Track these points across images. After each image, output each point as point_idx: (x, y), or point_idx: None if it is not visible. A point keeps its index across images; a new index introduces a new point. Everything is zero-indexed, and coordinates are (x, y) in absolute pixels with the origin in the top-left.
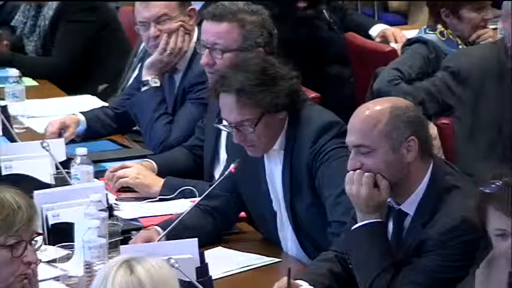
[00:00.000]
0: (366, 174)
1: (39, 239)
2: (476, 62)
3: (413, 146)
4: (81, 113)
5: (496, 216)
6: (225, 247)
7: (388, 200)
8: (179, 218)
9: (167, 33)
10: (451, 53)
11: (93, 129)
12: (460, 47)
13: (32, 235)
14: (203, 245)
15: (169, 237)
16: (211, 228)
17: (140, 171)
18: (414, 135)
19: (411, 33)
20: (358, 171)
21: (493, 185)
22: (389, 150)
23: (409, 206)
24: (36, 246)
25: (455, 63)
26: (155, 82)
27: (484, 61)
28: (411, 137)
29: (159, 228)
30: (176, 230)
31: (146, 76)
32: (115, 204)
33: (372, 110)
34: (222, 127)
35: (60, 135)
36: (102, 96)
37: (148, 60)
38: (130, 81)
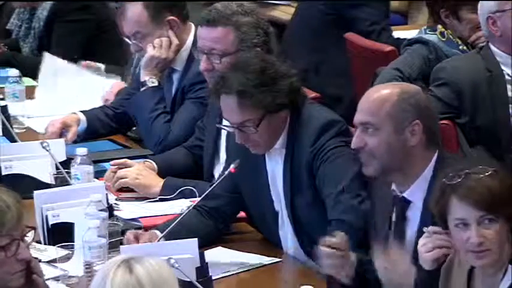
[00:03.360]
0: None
1: (31, 233)
2: (465, 75)
3: (417, 131)
4: (81, 111)
5: (458, 205)
6: (225, 247)
7: (392, 188)
8: (177, 220)
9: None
10: (438, 65)
11: (93, 129)
12: (461, 47)
13: (22, 231)
14: (203, 246)
15: (168, 240)
16: (210, 230)
17: (140, 171)
18: (419, 120)
19: (411, 33)
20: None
21: (456, 177)
22: (393, 131)
23: (412, 193)
24: (29, 241)
25: (446, 74)
26: (152, 82)
27: (473, 73)
28: (416, 121)
29: (158, 232)
30: (175, 233)
31: (144, 76)
32: (115, 204)
33: (382, 91)
34: (224, 127)
35: (61, 135)
36: None
37: (143, 60)
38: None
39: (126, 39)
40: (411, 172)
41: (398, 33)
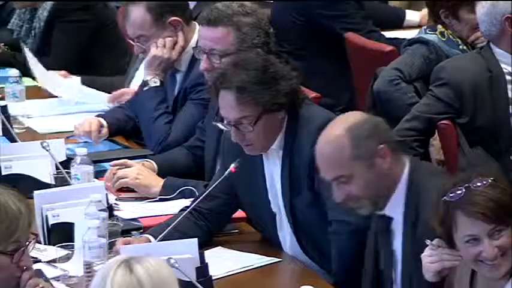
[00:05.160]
0: None
1: (33, 240)
2: (466, 75)
3: (386, 153)
4: (98, 115)
5: (466, 222)
6: (225, 247)
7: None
8: (171, 226)
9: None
10: (438, 65)
11: (116, 129)
12: (461, 47)
13: (28, 238)
14: (202, 246)
15: None
16: (203, 232)
17: (140, 171)
18: (382, 144)
19: (411, 33)
20: None
21: (456, 192)
22: (366, 168)
23: (391, 209)
24: (30, 248)
25: (446, 74)
26: (154, 82)
27: (473, 74)
28: (380, 146)
29: (150, 237)
30: (168, 237)
31: (146, 76)
32: (115, 204)
33: (332, 139)
34: (220, 125)
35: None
36: None
37: (145, 60)
38: (133, 83)
39: (130, 41)
40: (388, 190)
41: (398, 33)
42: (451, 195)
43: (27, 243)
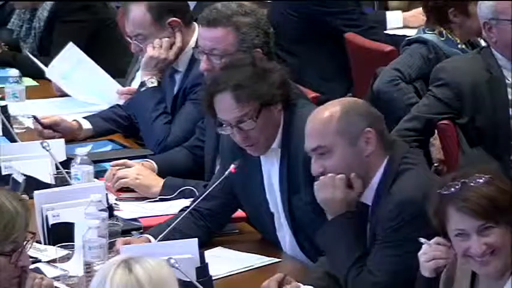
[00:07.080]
0: (338, 176)
1: (32, 239)
2: (466, 75)
3: (371, 138)
4: (84, 118)
5: (456, 216)
6: (225, 247)
7: None
8: (171, 226)
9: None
10: (438, 66)
11: (101, 130)
12: (459, 46)
13: (25, 238)
14: (202, 246)
15: None
16: (203, 232)
17: (140, 171)
18: (371, 127)
19: (412, 33)
20: (329, 175)
21: (453, 187)
22: (347, 145)
23: (367, 196)
24: (28, 247)
25: (446, 74)
26: (152, 82)
27: (473, 74)
28: (367, 129)
29: (150, 237)
30: (168, 237)
31: (143, 77)
32: (115, 204)
33: (323, 112)
34: (222, 131)
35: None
36: None
37: (142, 61)
38: (134, 83)
39: (128, 39)
40: (367, 178)
41: (398, 32)
42: (446, 188)
43: (25, 242)
